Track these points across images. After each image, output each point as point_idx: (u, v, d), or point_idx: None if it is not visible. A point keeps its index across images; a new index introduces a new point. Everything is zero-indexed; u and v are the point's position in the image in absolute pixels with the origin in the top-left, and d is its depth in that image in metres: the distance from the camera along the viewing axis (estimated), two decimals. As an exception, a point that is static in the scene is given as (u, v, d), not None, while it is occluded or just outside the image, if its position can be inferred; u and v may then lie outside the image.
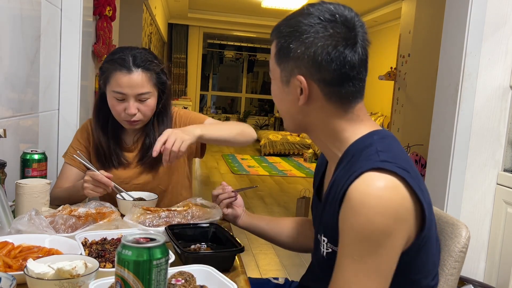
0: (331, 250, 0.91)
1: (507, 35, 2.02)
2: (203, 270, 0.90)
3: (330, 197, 0.90)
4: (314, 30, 0.85)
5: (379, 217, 0.78)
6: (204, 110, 10.70)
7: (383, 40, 7.77)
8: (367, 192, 0.79)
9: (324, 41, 0.84)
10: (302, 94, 0.89)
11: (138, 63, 1.41)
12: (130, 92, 1.41)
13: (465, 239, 1.02)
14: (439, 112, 2.21)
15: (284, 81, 0.92)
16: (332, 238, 0.90)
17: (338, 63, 0.85)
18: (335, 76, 0.86)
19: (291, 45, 0.87)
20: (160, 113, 1.54)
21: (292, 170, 6.91)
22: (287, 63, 0.90)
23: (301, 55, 0.86)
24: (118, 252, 0.68)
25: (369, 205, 0.78)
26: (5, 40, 1.40)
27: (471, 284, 1.94)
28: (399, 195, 0.80)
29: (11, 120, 1.48)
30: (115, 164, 1.53)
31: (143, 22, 5.09)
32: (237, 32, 10.06)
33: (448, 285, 1.01)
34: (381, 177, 0.80)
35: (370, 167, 0.81)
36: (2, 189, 1.12)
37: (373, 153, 0.85)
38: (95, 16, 2.26)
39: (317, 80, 0.87)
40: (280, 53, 0.91)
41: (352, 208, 0.80)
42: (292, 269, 3.07)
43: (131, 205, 1.30)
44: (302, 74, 0.88)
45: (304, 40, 0.86)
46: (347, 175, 0.84)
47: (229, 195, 1.33)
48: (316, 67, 0.86)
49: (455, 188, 2.08)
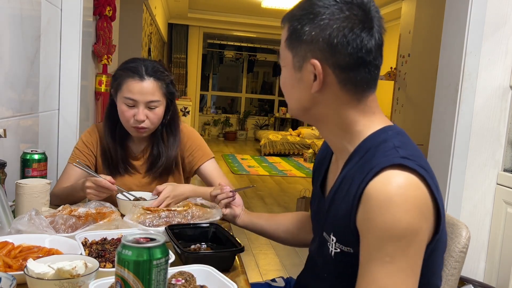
0: (340, 251, 0.87)
1: (507, 35, 2.02)
2: (203, 270, 0.90)
3: (341, 194, 0.86)
4: (330, 11, 0.81)
5: (406, 215, 0.75)
6: (204, 110, 10.70)
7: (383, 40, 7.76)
8: (390, 190, 0.76)
9: (340, 23, 0.81)
10: (315, 81, 0.84)
11: (150, 72, 1.47)
12: (141, 98, 1.45)
13: (466, 239, 1.02)
14: (439, 112, 2.21)
15: (296, 67, 0.87)
16: (343, 239, 0.86)
17: (355, 46, 0.81)
18: (351, 60, 0.82)
19: (305, 27, 0.83)
20: (168, 124, 1.58)
21: (292, 170, 6.91)
22: (299, 47, 0.85)
23: (315, 38, 0.82)
24: (118, 252, 0.68)
25: (395, 203, 0.75)
26: (5, 40, 1.40)
27: (471, 284, 1.94)
28: (422, 192, 0.78)
29: (11, 120, 1.48)
30: (121, 172, 1.56)
31: (143, 22, 5.09)
32: (237, 32, 10.06)
33: (448, 285, 1.01)
34: (402, 175, 0.77)
35: (389, 163, 0.78)
36: (2, 189, 1.12)
37: (390, 149, 0.82)
38: (95, 16, 2.26)
39: (332, 65, 0.83)
40: (292, 37, 0.86)
41: (376, 207, 0.77)
42: (292, 269, 3.06)
43: (131, 205, 1.30)
44: (316, 58, 0.83)
45: (319, 22, 0.82)
46: (363, 172, 0.81)
47: (227, 195, 1.33)
48: (332, 51, 0.82)
49: (455, 188, 2.08)
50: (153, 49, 6.73)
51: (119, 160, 1.56)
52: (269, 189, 5.62)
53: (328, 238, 0.91)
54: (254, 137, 10.54)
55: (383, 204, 0.76)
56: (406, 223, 0.75)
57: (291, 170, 6.95)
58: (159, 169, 1.56)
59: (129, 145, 1.60)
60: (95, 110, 2.37)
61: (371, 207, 0.77)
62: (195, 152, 1.63)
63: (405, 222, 0.75)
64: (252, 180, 6.12)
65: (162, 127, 1.57)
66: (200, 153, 1.63)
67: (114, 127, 1.56)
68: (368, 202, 0.78)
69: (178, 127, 1.61)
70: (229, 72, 11.48)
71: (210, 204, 1.35)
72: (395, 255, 0.76)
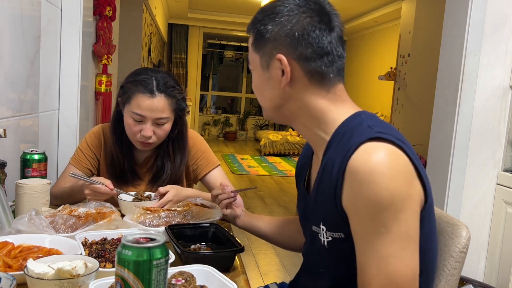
0: (331, 239, 0.88)
1: (507, 35, 2.02)
2: (203, 270, 0.90)
3: (324, 181, 0.88)
4: (288, 8, 0.88)
5: (392, 182, 0.77)
6: (204, 110, 10.70)
7: (383, 40, 7.76)
8: (372, 162, 0.78)
9: (298, 17, 0.87)
10: (284, 75, 0.89)
11: (161, 88, 1.42)
12: (149, 115, 1.41)
13: (466, 239, 1.02)
14: (439, 112, 2.21)
15: (264, 66, 0.92)
16: (332, 225, 0.87)
17: (315, 37, 0.86)
18: (313, 50, 0.87)
19: (268, 26, 0.89)
20: (176, 139, 1.54)
21: (292, 170, 6.91)
22: (264, 47, 0.90)
23: (278, 34, 0.88)
24: (118, 252, 0.68)
25: (378, 173, 0.77)
26: (5, 40, 1.40)
27: (471, 284, 1.94)
28: (402, 160, 0.80)
29: (11, 120, 1.48)
30: (125, 180, 1.53)
31: (143, 22, 5.09)
32: (237, 32, 10.06)
33: (448, 285, 1.01)
34: (380, 146, 0.80)
35: (366, 137, 0.81)
36: (2, 189, 1.12)
37: (366, 128, 0.84)
38: (95, 16, 2.26)
39: (297, 57, 0.87)
40: (257, 39, 0.92)
41: (361, 181, 0.78)
42: (292, 269, 3.07)
43: (132, 206, 1.30)
44: (281, 53, 0.88)
45: (279, 19, 0.88)
46: (343, 153, 0.82)
47: (229, 196, 1.33)
48: (294, 44, 0.87)
49: (455, 188, 2.08)
50: (153, 49, 6.72)
51: (124, 169, 1.53)
52: (269, 189, 5.62)
53: (318, 230, 0.91)
54: (254, 137, 10.54)
55: (367, 176, 0.77)
56: (393, 190, 0.77)
57: (291, 170, 6.95)
58: (164, 182, 1.52)
59: (134, 152, 1.57)
60: (95, 110, 2.37)
61: (355, 183, 0.79)
62: (199, 161, 1.60)
63: (392, 189, 0.76)
64: (252, 180, 6.12)
65: (169, 141, 1.53)
66: (205, 162, 1.60)
67: (121, 135, 1.52)
68: (352, 179, 0.80)
69: (186, 143, 1.56)
70: (229, 72, 11.48)
71: (210, 204, 1.35)
72: (388, 224, 0.77)
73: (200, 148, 1.61)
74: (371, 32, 8.35)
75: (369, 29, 8.35)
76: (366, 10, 7.44)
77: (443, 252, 1.04)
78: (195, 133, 1.65)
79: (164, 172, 1.54)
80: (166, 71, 1.53)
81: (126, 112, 1.45)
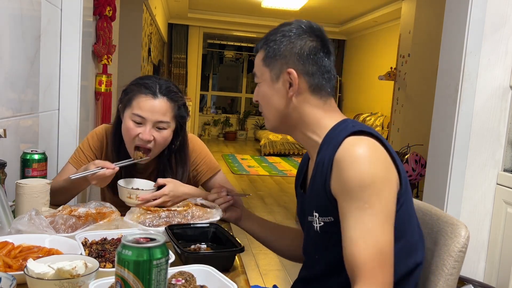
0: (323, 223, 1.02)
1: (507, 35, 2.02)
2: (203, 270, 0.90)
3: (317, 177, 1.01)
4: (297, 33, 1.06)
5: (372, 166, 0.92)
6: (204, 110, 10.70)
7: (383, 40, 7.76)
8: (354, 150, 0.93)
9: (306, 40, 1.05)
10: (291, 87, 1.05)
11: (164, 91, 1.41)
12: (150, 117, 1.39)
13: (465, 239, 1.02)
14: (439, 112, 2.21)
15: (274, 79, 1.07)
16: (322, 210, 1.01)
17: (320, 57, 1.05)
18: (316, 68, 1.05)
19: (281, 46, 1.05)
20: (178, 152, 1.52)
21: (292, 170, 6.91)
22: (276, 61, 1.06)
23: (290, 52, 1.05)
24: (118, 252, 0.68)
25: (360, 158, 0.92)
26: (5, 40, 1.40)
27: (471, 284, 1.94)
28: (381, 150, 0.96)
29: (11, 120, 1.48)
30: None
31: (143, 22, 5.09)
32: (237, 32, 10.06)
33: (448, 285, 1.01)
34: (361, 139, 0.96)
35: (348, 133, 0.97)
36: (2, 189, 1.12)
37: (349, 128, 1.00)
38: (95, 16, 2.26)
39: (304, 72, 1.05)
40: (268, 55, 1.07)
41: (345, 167, 0.92)
42: (292, 269, 3.07)
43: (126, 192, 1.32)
44: (291, 67, 1.04)
45: (291, 40, 1.05)
46: (331, 150, 0.97)
47: (225, 200, 1.34)
48: (303, 61, 1.04)
49: (455, 188, 2.08)
50: (153, 49, 6.73)
51: (122, 176, 1.49)
52: (269, 189, 5.62)
53: (312, 218, 1.05)
54: (254, 137, 10.54)
55: (350, 162, 0.92)
56: (373, 172, 0.92)
57: (291, 170, 6.95)
58: None
59: None
60: (95, 110, 2.37)
61: (341, 169, 0.93)
62: (199, 167, 1.58)
63: (372, 171, 0.92)
64: (252, 180, 6.12)
65: (171, 153, 1.51)
66: (205, 167, 1.58)
67: (119, 144, 1.49)
68: (337, 167, 0.94)
69: (188, 156, 1.54)
70: (229, 72, 11.48)
71: (210, 204, 1.35)
72: (371, 200, 0.91)
73: (200, 154, 1.59)
74: (371, 32, 8.35)
75: (369, 29, 8.35)
76: (366, 10, 7.44)
77: (442, 252, 1.04)
78: (195, 137, 1.63)
79: None
80: (169, 80, 1.51)
81: (126, 116, 1.42)
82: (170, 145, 1.49)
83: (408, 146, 4.42)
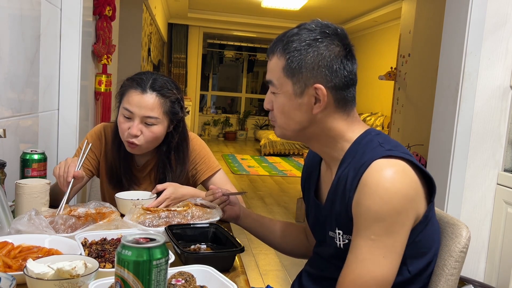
0: (348, 241, 0.98)
1: (507, 35, 2.02)
2: (203, 270, 0.90)
3: (338, 192, 0.98)
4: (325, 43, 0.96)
5: (392, 198, 0.88)
6: (204, 110, 10.70)
7: (383, 40, 7.76)
8: (380, 178, 0.89)
9: (333, 49, 0.96)
10: (316, 103, 0.97)
11: (155, 87, 1.40)
12: (137, 111, 1.39)
13: (466, 239, 1.02)
14: (439, 112, 2.21)
15: (297, 93, 0.97)
16: (347, 229, 0.97)
17: (348, 70, 0.97)
18: (345, 81, 0.97)
19: (307, 56, 0.95)
20: (177, 150, 1.51)
21: (292, 170, 6.91)
22: (301, 74, 0.96)
23: (318, 64, 0.95)
24: (118, 252, 0.68)
25: (383, 187, 0.88)
26: (5, 40, 1.40)
27: (471, 284, 1.94)
28: (408, 177, 0.91)
29: (11, 120, 1.48)
30: (124, 184, 1.51)
31: (143, 22, 5.08)
32: (237, 32, 10.06)
33: (448, 285, 1.01)
34: (390, 163, 0.91)
35: (379, 156, 0.91)
36: (2, 189, 1.12)
37: (377, 146, 0.95)
38: (95, 16, 2.26)
39: (331, 87, 0.96)
40: (292, 66, 0.96)
41: (367, 193, 0.89)
42: (292, 269, 3.07)
43: (131, 204, 1.30)
44: (319, 83, 0.95)
45: (318, 51, 0.95)
46: (357, 168, 0.93)
47: (221, 200, 1.34)
48: (332, 75, 0.96)
49: (455, 188, 2.08)
50: (153, 49, 6.72)
51: (121, 173, 1.50)
52: (269, 189, 5.62)
53: (334, 235, 1.02)
54: (254, 137, 10.54)
55: (373, 189, 0.89)
56: (391, 206, 0.88)
57: (291, 170, 6.95)
58: None
59: (133, 156, 1.53)
60: (95, 110, 2.37)
61: (363, 194, 0.90)
62: (198, 166, 1.57)
63: (390, 204, 0.88)
64: (252, 180, 6.12)
65: (170, 151, 1.51)
66: (204, 167, 1.58)
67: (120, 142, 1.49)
68: (361, 190, 0.91)
69: (188, 154, 1.54)
70: (229, 72, 11.48)
71: (210, 204, 1.35)
72: (379, 234, 0.89)
73: (200, 153, 1.58)
74: (371, 32, 8.35)
75: (369, 29, 8.35)
76: (366, 10, 7.44)
77: (443, 252, 1.04)
78: (196, 136, 1.62)
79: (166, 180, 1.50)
80: (169, 77, 1.50)
81: (119, 110, 1.44)
82: (169, 142, 1.49)
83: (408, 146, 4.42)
